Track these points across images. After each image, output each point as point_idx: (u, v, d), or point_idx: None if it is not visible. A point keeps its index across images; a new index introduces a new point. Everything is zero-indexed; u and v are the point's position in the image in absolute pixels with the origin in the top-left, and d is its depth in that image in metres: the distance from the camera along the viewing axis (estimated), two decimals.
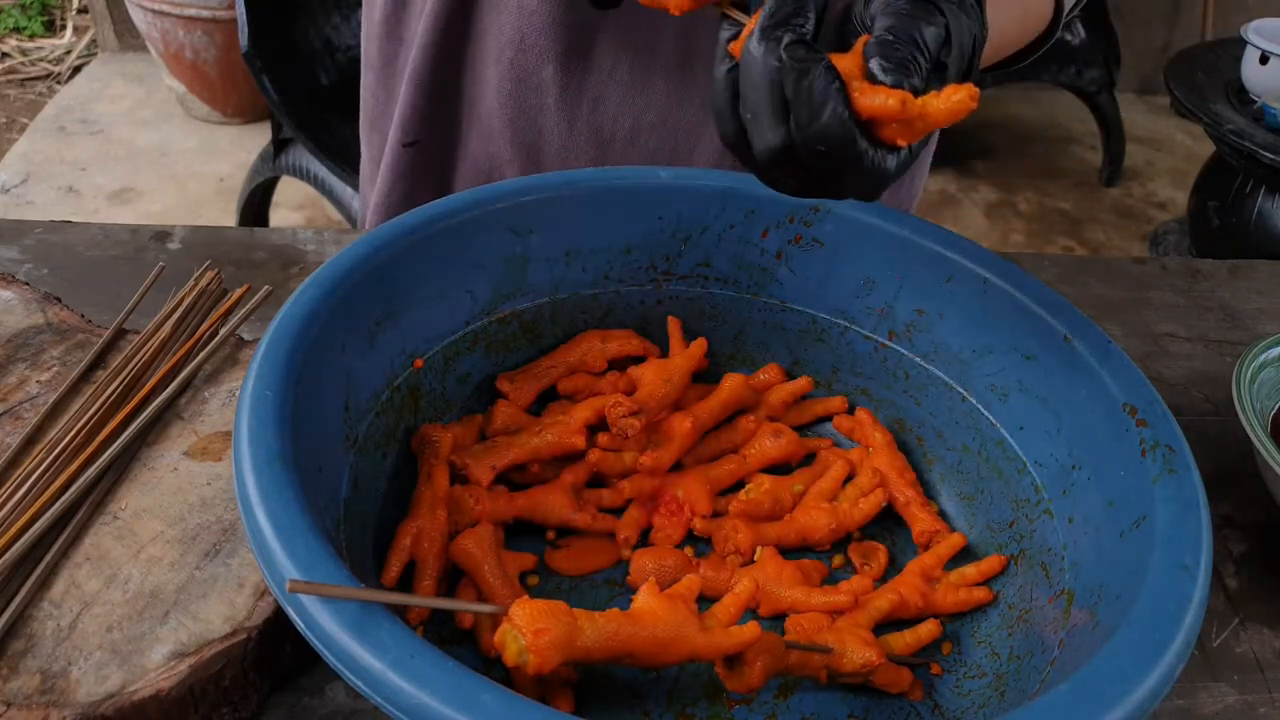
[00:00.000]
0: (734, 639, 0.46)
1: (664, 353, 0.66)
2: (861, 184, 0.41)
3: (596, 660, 0.43)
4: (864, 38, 0.41)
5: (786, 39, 0.39)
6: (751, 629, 0.46)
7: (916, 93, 0.39)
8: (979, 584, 0.56)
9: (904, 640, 0.53)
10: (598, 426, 0.60)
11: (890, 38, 0.39)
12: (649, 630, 0.44)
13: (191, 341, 0.61)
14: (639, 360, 0.65)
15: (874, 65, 0.39)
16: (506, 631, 0.41)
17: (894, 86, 0.39)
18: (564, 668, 0.46)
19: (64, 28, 3.05)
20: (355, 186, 1.67)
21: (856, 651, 0.50)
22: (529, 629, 0.40)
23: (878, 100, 0.38)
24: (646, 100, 0.74)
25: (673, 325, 0.66)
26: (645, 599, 0.45)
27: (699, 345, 0.65)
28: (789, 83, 0.38)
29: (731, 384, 0.63)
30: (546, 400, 0.64)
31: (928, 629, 0.54)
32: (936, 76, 0.41)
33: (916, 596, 0.55)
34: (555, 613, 0.42)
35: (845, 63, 0.40)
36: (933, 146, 0.79)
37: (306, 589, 0.37)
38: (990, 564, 0.56)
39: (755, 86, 0.39)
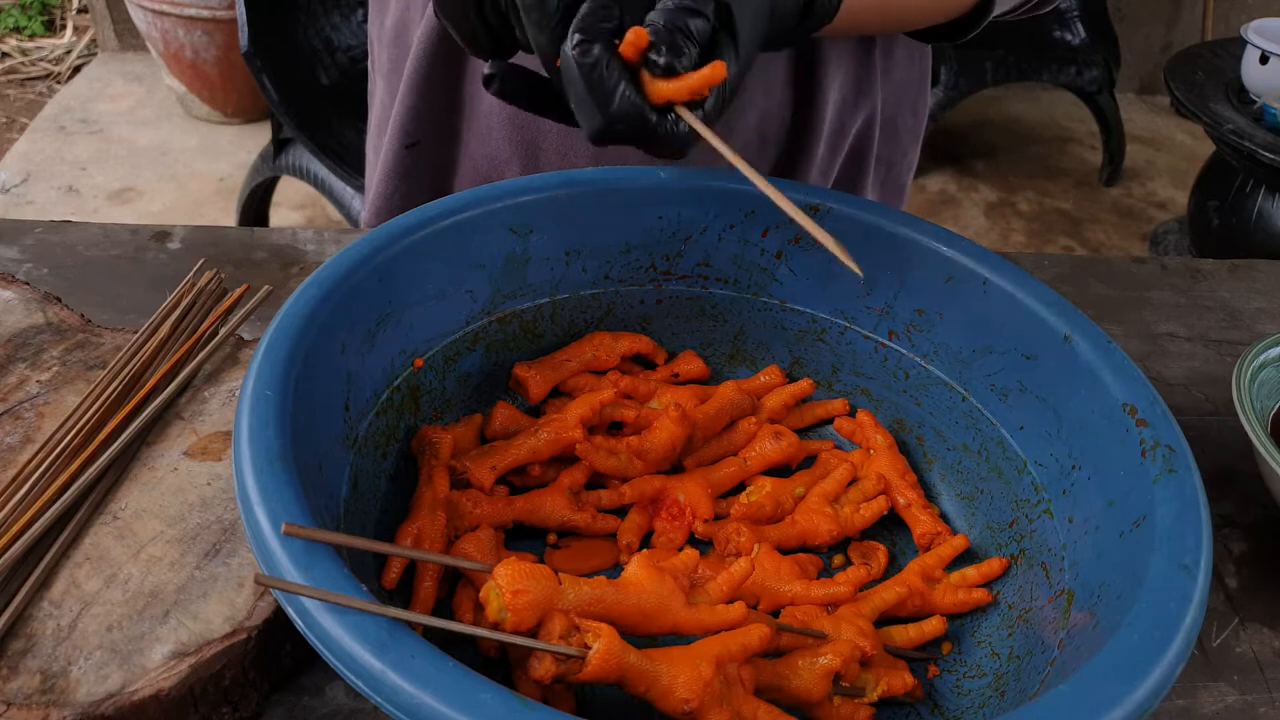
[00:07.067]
0: (719, 617, 0.46)
1: (669, 353, 0.66)
2: (663, 147, 0.48)
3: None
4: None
5: (577, 39, 0.46)
6: (738, 608, 0.46)
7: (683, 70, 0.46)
8: (979, 585, 0.56)
9: (907, 634, 0.53)
10: (596, 429, 0.60)
11: (664, 27, 0.46)
12: (634, 599, 0.44)
13: (191, 341, 0.61)
14: (646, 360, 0.65)
15: (651, 54, 0.46)
16: (490, 589, 0.42)
17: (667, 71, 0.46)
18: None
19: (64, 27, 3.05)
20: (355, 187, 1.67)
21: (852, 639, 0.49)
22: (509, 589, 0.41)
23: (669, 86, 0.46)
24: None
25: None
26: (635, 569, 0.45)
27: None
28: (591, 78, 0.46)
29: (724, 389, 0.63)
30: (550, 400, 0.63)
31: (932, 625, 0.54)
32: (708, 56, 0.47)
33: (916, 596, 0.55)
34: (536, 575, 0.42)
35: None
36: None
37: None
38: (991, 566, 0.56)
39: (571, 83, 0.47)
